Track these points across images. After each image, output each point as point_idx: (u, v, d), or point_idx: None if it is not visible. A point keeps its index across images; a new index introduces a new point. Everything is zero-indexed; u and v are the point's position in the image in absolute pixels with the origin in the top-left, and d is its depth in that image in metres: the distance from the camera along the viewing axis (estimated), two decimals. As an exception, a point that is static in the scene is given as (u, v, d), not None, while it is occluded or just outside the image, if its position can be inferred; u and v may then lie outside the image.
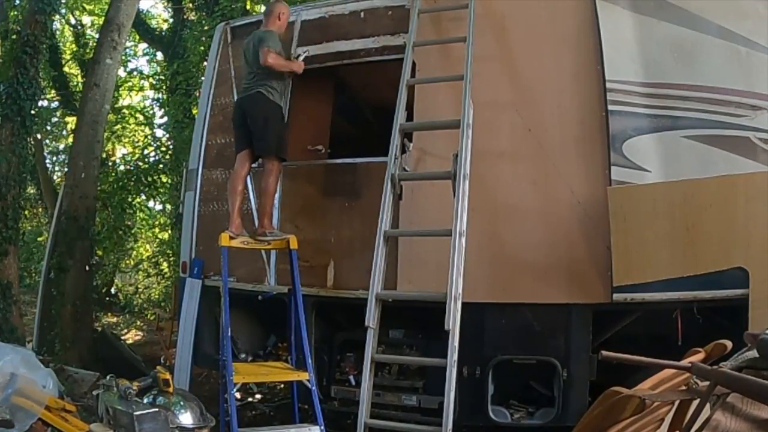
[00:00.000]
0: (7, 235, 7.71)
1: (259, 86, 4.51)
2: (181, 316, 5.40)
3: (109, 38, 8.52)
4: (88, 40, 14.30)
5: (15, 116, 7.76)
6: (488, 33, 4.49)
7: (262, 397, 6.89)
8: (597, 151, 4.16)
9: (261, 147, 4.55)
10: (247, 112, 4.56)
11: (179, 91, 10.58)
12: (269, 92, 4.52)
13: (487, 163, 4.27)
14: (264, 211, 4.55)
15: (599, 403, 1.93)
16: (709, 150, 4.10)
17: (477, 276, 4.03)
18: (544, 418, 4.12)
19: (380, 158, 4.40)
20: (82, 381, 6.08)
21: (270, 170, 4.53)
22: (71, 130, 12.86)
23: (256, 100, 4.52)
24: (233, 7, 9.58)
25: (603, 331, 4.19)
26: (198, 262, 5.33)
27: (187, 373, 5.20)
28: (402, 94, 4.38)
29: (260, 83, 4.51)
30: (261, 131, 4.51)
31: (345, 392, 4.66)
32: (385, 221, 4.09)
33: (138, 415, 3.42)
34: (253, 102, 4.53)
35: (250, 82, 4.60)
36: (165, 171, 11.43)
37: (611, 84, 4.18)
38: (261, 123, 4.51)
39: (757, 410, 1.85)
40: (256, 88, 4.53)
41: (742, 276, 3.88)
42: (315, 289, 4.63)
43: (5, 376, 4.06)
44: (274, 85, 4.54)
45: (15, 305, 7.81)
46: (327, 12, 5.09)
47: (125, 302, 13.92)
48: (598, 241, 4.06)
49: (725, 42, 4.23)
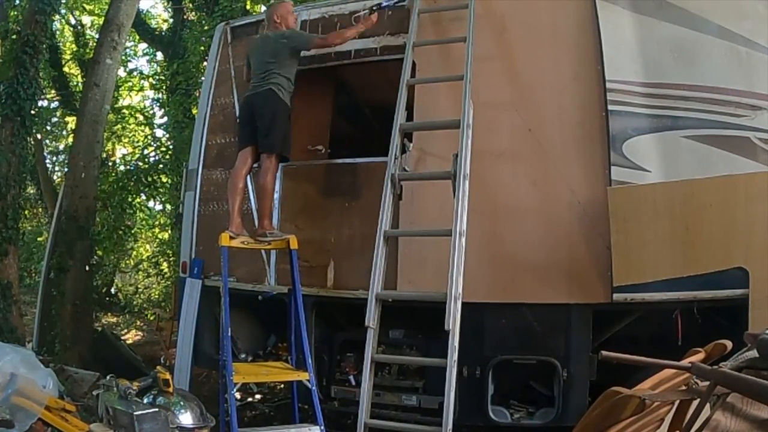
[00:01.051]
0: (7, 235, 7.71)
1: (270, 83, 4.50)
2: (181, 316, 5.40)
3: (109, 38, 8.53)
4: (88, 40, 14.31)
5: (15, 116, 7.76)
6: (488, 33, 4.49)
7: (262, 397, 6.90)
8: (597, 151, 4.16)
9: (266, 144, 4.50)
10: (256, 109, 4.54)
11: (179, 91, 10.60)
12: (280, 90, 4.50)
13: (487, 163, 4.26)
14: (263, 211, 4.52)
15: (599, 403, 1.93)
16: (709, 150, 4.10)
17: (477, 276, 4.03)
18: (544, 418, 4.12)
19: (380, 158, 4.40)
20: (82, 381, 6.08)
21: (268, 168, 4.49)
22: (71, 130, 12.87)
23: (266, 98, 4.50)
24: (233, 7, 9.59)
25: (603, 331, 4.19)
26: (198, 262, 5.33)
27: (187, 373, 5.20)
28: (402, 94, 4.38)
29: (271, 81, 4.50)
30: (268, 128, 4.48)
31: (345, 392, 4.65)
32: (385, 221, 4.09)
33: (138, 415, 3.42)
34: (264, 99, 4.51)
35: (261, 80, 4.57)
36: (165, 171, 11.42)
37: (611, 84, 4.18)
38: (269, 120, 4.48)
39: (757, 410, 1.85)
40: (267, 85, 4.51)
41: (742, 276, 3.88)
42: (315, 289, 4.63)
43: (5, 376, 4.06)
44: (285, 84, 4.54)
45: (15, 305, 7.81)
46: (327, 12, 5.09)
47: (125, 302, 13.92)
48: (598, 241, 4.06)
49: (725, 42, 4.23)
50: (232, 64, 5.44)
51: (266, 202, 4.54)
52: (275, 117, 4.48)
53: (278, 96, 4.50)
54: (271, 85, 4.50)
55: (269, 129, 4.48)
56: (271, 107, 4.49)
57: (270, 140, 4.49)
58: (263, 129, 4.50)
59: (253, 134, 4.56)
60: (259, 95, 4.54)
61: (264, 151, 4.54)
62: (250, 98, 4.64)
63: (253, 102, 4.60)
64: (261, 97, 4.52)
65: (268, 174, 4.49)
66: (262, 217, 4.53)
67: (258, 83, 4.59)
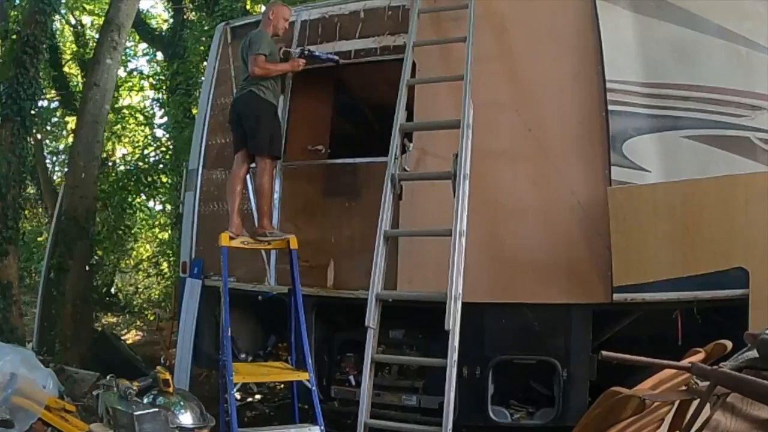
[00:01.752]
0: (7, 235, 7.71)
1: (251, 85, 4.52)
2: (181, 316, 5.41)
3: (109, 38, 8.53)
4: (88, 40, 14.30)
5: (15, 116, 7.76)
6: (488, 33, 4.49)
7: (262, 397, 6.90)
8: (597, 151, 4.16)
9: (254, 145, 4.54)
10: (241, 112, 4.58)
11: (179, 91, 10.59)
12: (261, 91, 4.52)
13: (487, 163, 4.27)
14: (262, 211, 4.54)
15: (599, 403, 1.93)
16: (709, 150, 4.10)
17: (477, 276, 4.03)
18: (544, 418, 4.12)
19: (380, 158, 4.41)
20: (82, 381, 6.09)
21: (263, 169, 4.51)
22: (71, 130, 12.88)
23: (247, 100, 4.54)
24: (233, 7, 9.58)
25: (603, 331, 4.19)
26: (198, 262, 5.34)
27: (187, 373, 5.20)
28: (402, 94, 4.38)
29: (252, 82, 4.52)
30: (253, 130, 4.51)
31: (345, 392, 4.66)
32: (385, 221, 4.09)
33: (138, 415, 3.42)
34: (245, 102, 4.55)
35: (243, 82, 4.62)
36: (165, 171, 11.43)
37: (611, 84, 4.18)
38: (253, 122, 4.51)
39: (757, 410, 1.84)
40: (248, 87, 4.54)
41: (742, 276, 3.87)
42: (315, 289, 4.63)
43: (5, 376, 4.06)
44: (266, 83, 4.54)
45: (15, 305, 7.81)
46: (327, 12, 5.09)
47: (125, 302, 13.91)
48: (598, 241, 4.06)
49: (725, 42, 4.23)
50: (232, 64, 5.44)
51: (265, 202, 4.55)
52: (259, 118, 4.51)
53: (259, 97, 4.51)
54: (251, 87, 4.52)
55: (255, 130, 4.51)
56: (253, 109, 4.51)
57: (257, 142, 4.52)
58: (250, 131, 4.53)
59: (243, 137, 4.59)
60: (242, 99, 4.59)
61: (254, 152, 4.57)
62: (235, 102, 4.70)
63: (237, 106, 4.65)
64: (243, 101, 4.57)
65: (264, 174, 4.51)
66: (262, 216, 4.54)
67: (241, 86, 4.66)
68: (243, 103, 4.56)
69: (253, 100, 4.52)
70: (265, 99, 4.53)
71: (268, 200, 4.58)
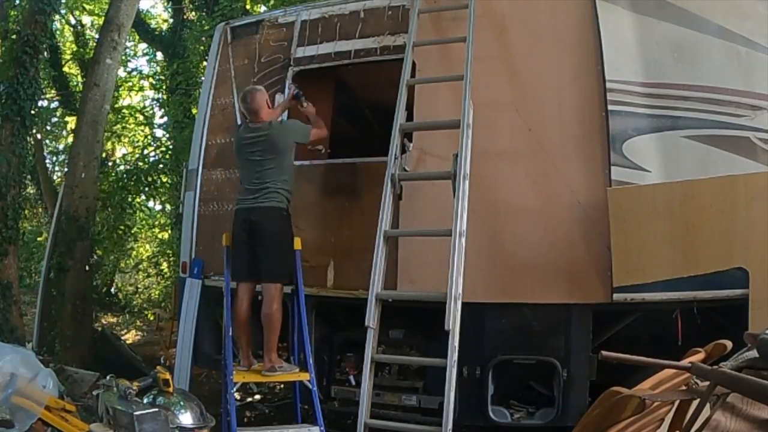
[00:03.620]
0: (7, 235, 7.71)
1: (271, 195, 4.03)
2: (181, 316, 5.40)
3: (109, 38, 8.53)
4: (88, 40, 14.31)
5: (15, 116, 7.77)
6: (488, 33, 4.48)
7: (262, 397, 6.90)
8: (597, 151, 4.16)
9: (270, 273, 4.05)
10: (256, 229, 4.04)
11: (179, 91, 10.61)
12: (282, 201, 4.07)
13: (487, 163, 4.26)
14: (270, 344, 4.12)
15: (599, 403, 1.93)
16: (709, 150, 4.10)
17: (477, 276, 4.03)
18: (544, 418, 4.12)
19: (380, 158, 4.40)
20: (82, 381, 6.09)
21: (273, 296, 4.06)
22: (71, 130, 12.87)
23: (269, 217, 4.03)
24: (233, 7, 9.60)
25: (603, 331, 4.19)
26: (198, 262, 5.33)
27: (187, 373, 5.20)
28: (402, 94, 4.38)
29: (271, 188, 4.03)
30: (273, 257, 4.05)
31: (345, 392, 4.66)
32: (385, 221, 4.09)
33: (138, 415, 3.41)
34: (265, 217, 4.03)
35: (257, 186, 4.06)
36: (165, 171, 11.43)
37: (611, 84, 4.18)
38: (275, 247, 4.06)
39: (757, 410, 1.84)
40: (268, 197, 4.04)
41: (742, 276, 3.88)
42: (315, 289, 4.62)
43: (5, 376, 4.05)
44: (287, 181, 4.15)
45: (15, 305, 7.82)
46: (327, 12, 5.09)
47: (125, 302, 13.93)
48: (598, 241, 4.06)
49: (725, 42, 4.23)
50: (232, 64, 5.44)
51: (273, 335, 4.12)
52: (282, 243, 4.07)
53: (281, 210, 4.05)
54: (273, 199, 4.03)
55: (275, 258, 4.06)
56: (275, 230, 4.04)
57: (275, 269, 4.08)
58: (265, 255, 4.06)
59: (253, 264, 4.10)
60: (259, 212, 4.04)
61: (267, 280, 4.11)
62: (247, 214, 4.08)
63: (252, 220, 4.06)
64: (263, 215, 4.03)
65: (274, 303, 4.06)
66: (269, 350, 4.13)
67: (255, 192, 4.08)
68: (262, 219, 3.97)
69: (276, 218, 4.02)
70: (287, 212, 4.08)
71: (276, 332, 4.13)
